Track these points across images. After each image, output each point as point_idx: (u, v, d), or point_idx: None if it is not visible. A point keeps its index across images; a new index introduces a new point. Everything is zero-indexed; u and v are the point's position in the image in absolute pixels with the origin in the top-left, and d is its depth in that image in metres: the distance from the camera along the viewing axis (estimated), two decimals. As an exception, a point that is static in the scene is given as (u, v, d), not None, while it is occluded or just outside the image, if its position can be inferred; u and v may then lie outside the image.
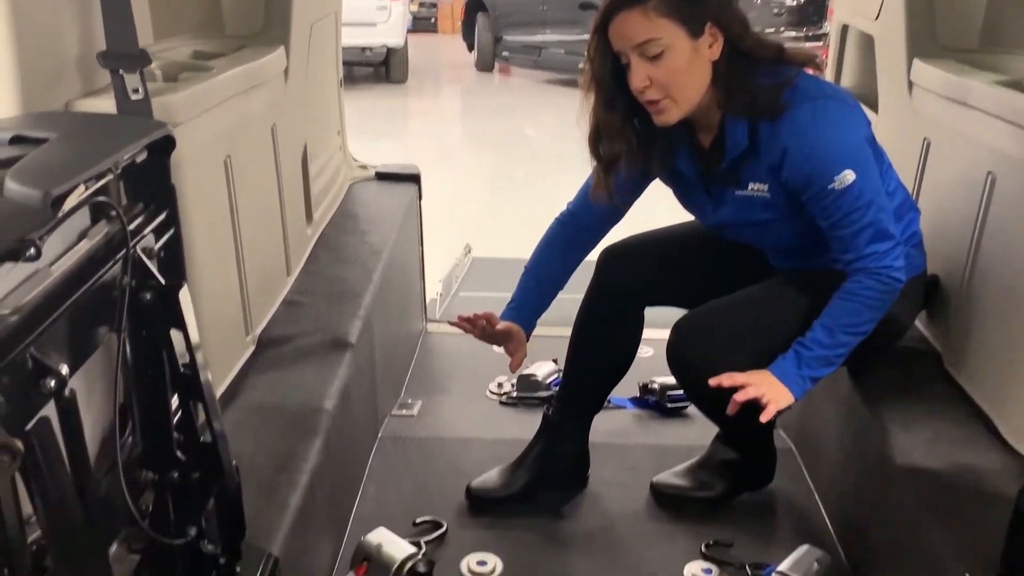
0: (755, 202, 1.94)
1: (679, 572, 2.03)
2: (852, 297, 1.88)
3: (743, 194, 1.94)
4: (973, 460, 1.79)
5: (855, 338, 1.90)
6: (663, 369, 2.65)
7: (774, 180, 1.88)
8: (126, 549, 1.36)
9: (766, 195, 1.91)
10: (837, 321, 1.89)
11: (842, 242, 1.87)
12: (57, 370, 1.03)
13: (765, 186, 1.91)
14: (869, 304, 1.88)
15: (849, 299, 1.88)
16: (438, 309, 3.55)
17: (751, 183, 1.92)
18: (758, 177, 1.90)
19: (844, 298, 1.89)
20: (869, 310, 1.88)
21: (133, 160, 1.34)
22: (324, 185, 2.97)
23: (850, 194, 1.81)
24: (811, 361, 1.89)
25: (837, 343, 1.89)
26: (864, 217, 1.83)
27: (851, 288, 1.89)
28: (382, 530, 1.96)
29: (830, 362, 1.91)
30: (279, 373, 2.08)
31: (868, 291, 1.87)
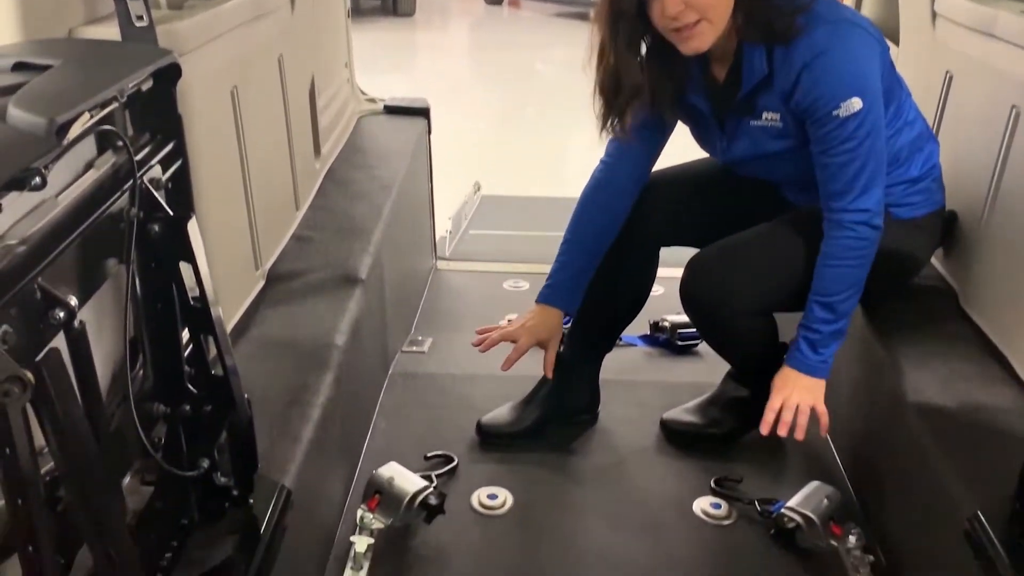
0: (768, 132, 1.91)
1: (688, 507, 2.04)
2: (835, 262, 1.88)
3: (757, 124, 1.92)
4: (987, 398, 1.78)
5: (852, 300, 1.90)
6: (674, 307, 2.65)
7: (785, 108, 1.87)
8: (139, 481, 1.37)
9: (778, 124, 1.90)
10: (829, 292, 1.89)
11: (828, 171, 1.85)
12: (66, 301, 1.02)
13: (777, 115, 1.89)
14: (854, 264, 1.88)
15: (833, 264, 1.88)
16: (448, 247, 3.53)
17: (765, 112, 1.90)
18: (772, 106, 1.88)
19: (828, 265, 1.89)
20: (855, 269, 1.88)
21: (139, 88, 1.31)
22: (332, 118, 2.93)
23: (852, 122, 1.79)
24: (824, 341, 1.91)
25: (839, 314, 1.90)
26: (858, 148, 1.81)
27: (831, 252, 1.88)
28: (393, 464, 1.97)
29: (841, 332, 1.92)
30: (289, 308, 2.07)
31: (848, 251, 1.87)
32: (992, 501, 1.50)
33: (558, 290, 2.13)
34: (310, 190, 2.60)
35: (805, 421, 1.93)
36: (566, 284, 2.13)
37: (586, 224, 2.12)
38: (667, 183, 2.16)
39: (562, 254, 2.14)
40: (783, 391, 1.93)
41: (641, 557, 1.90)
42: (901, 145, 1.98)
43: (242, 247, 2.05)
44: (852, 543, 1.86)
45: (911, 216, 2.02)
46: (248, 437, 1.44)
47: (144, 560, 1.25)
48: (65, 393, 0.98)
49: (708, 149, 2.10)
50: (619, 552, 1.91)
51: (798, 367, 1.93)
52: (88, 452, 1.02)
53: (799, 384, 1.93)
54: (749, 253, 2.02)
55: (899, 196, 1.99)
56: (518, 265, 3.33)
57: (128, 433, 1.28)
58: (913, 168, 2.01)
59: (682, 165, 2.23)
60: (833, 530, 1.86)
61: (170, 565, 1.31)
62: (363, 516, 1.88)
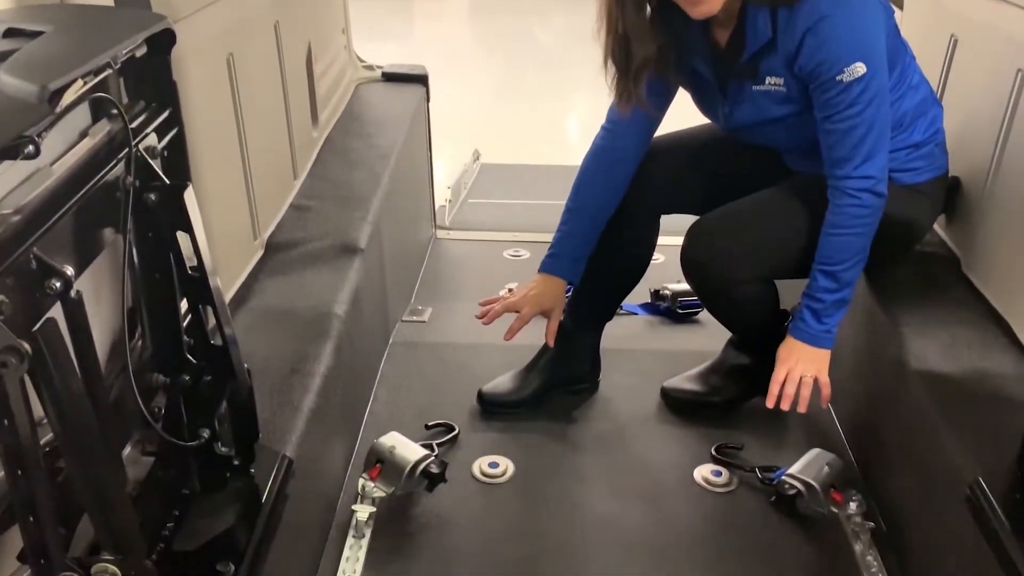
0: (772, 97, 1.90)
1: (689, 475, 2.04)
2: (838, 231, 1.86)
3: (760, 89, 1.90)
4: (990, 364, 1.78)
5: (856, 268, 1.89)
6: (674, 275, 2.64)
7: (789, 73, 1.85)
8: (140, 451, 1.37)
9: (782, 89, 1.88)
10: (833, 261, 1.88)
11: (831, 137, 1.83)
12: (62, 271, 1.01)
13: (781, 80, 1.87)
14: (857, 232, 1.86)
15: (836, 233, 1.87)
16: (447, 216, 3.52)
17: (768, 77, 1.88)
18: (775, 71, 1.86)
19: (831, 234, 1.87)
20: (859, 237, 1.87)
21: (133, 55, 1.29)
22: (329, 86, 2.90)
23: (856, 87, 1.77)
24: (827, 310, 1.90)
25: (842, 282, 1.88)
26: (862, 114, 1.79)
27: (835, 221, 1.86)
28: (395, 434, 1.97)
29: (845, 301, 1.91)
30: (289, 278, 2.06)
31: (852, 219, 1.85)
32: (993, 467, 1.50)
33: (560, 259, 2.12)
34: (308, 159, 2.58)
35: (808, 394, 1.92)
36: (569, 253, 2.12)
37: (588, 192, 2.11)
38: (667, 150, 2.15)
39: (564, 223, 2.13)
40: (787, 363, 1.92)
41: (642, 524, 1.90)
42: (905, 110, 1.96)
43: (240, 216, 2.03)
44: (853, 510, 1.87)
45: (914, 182, 2.00)
46: (249, 407, 1.44)
47: (145, 529, 1.26)
48: (63, 363, 0.98)
49: (710, 116, 2.08)
50: (620, 519, 1.92)
51: (802, 337, 1.92)
52: (87, 422, 1.02)
53: (804, 355, 1.92)
54: (750, 220, 2.01)
55: (902, 161, 1.98)
56: (518, 234, 3.32)
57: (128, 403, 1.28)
58: (916, 133, 1.99)
59: (683, 131, 2.21)
60: (834, 497, 1.87)
61: (171, 534, 1.31)
62: (365, 485, 1.89)
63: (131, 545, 1.08)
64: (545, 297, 2.12)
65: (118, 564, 1.06)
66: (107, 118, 1.29)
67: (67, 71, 1.04)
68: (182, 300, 1.35)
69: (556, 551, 1.84)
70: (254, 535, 1.36)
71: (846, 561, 1.81)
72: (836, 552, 1.83)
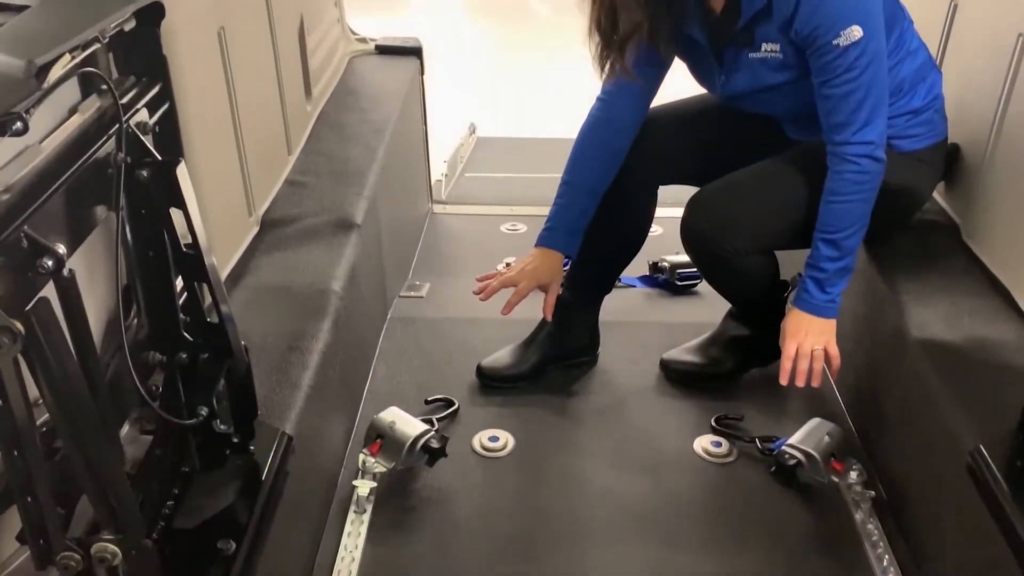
0: (768, 64, 1.88)
1: (689, 446, 2.04)
2: (839, 198, 1.85)
3: (756, 56, 1.88)
4: (990, 332, 1.77)
5: (858, 236, 1.88)
6: (672, 247, 2.64)
7: (785, 39, 1.83)
8: (138, 430, 1.37)
9: (778, 56, 1.86)
10: (834, 229, 1.86)
11: (829, 103, 1.82)
12: (54, 249, 1.00)
13: (777, 46, 1.85)
14: (858, 199, 1.85)
15: (837, 201, 1.85)
16: (444, 190, 3.50)
17: (764, 44, 1.86)
18: (770, 37, 1.85)
19: (832, 202, 1.86)
20: (860, 204, 1.85)
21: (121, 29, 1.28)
22: (322, 60, 2.87)
23: (854, 51, 1.76)
24: (831, 279, 1.88)
25: (844, 250, 1.87)
26: (859, 78, 1.78)
27: (835, 188, 1.85)
28: (394, 409, 1.96)
29: (848, 269, 1.90)
30: (285, 254, 2.04)
31: (852, 186, 1.84)
32: (994, 435, 1.50)
33: (558, 233, 2.11)
34: (302, 134, 2.56)
35: (820, 367, 1.91)
36: (566, 226, 2.10)
37: (584, 164, 2.09)
38: (664, 120, 2.13)
39: (560, 196, 2.11)
40: (796, 337, 1.91)
41: (642, 496, 1.91)
42: (904, 75, 1.94)
43: (234, 192, 2.01)
44: (853, 479, 1.87)
45: (913, 148, 1.99)
46: (247, 384, 1.43)
47: (145, 508, 1.25)
48: (56, 343, 0.97)
49: (706, 85, 2.06)
50: (620, 491, 1.92)
51: (807, 309, 1.91)
52: (82, 402, 1.01)
53: (812, 327, 1.90)
54: (751, 191, 1.99)
55: (901, 128, 1.96)
56: (515, 207, 3.30)
57: (125, 382, 1.27)
58: (916, 99, 1.97)
59: (679, 102, 2.19)
60: (834, 466, 1.87)
61: (171, 512, 1.31)
62: (365, 460, 1.89)
63: (130, 524, 1.07)
64: (542, 271, 2.10)
65: (118, 543, 1.06)
66: (96, 93, 1.27)
67: (54, 45, 1.02)
68: (177, 278, 1.34)
69: (557, 523, 1.84)
70: (254, 512, 1.36)
71: (847, 530, 1.81)
72: (837, 521, 1.83)
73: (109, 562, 1.06)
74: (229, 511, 1.34)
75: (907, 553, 1.74)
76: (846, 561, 1.75)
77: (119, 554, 1.06)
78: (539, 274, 2.10)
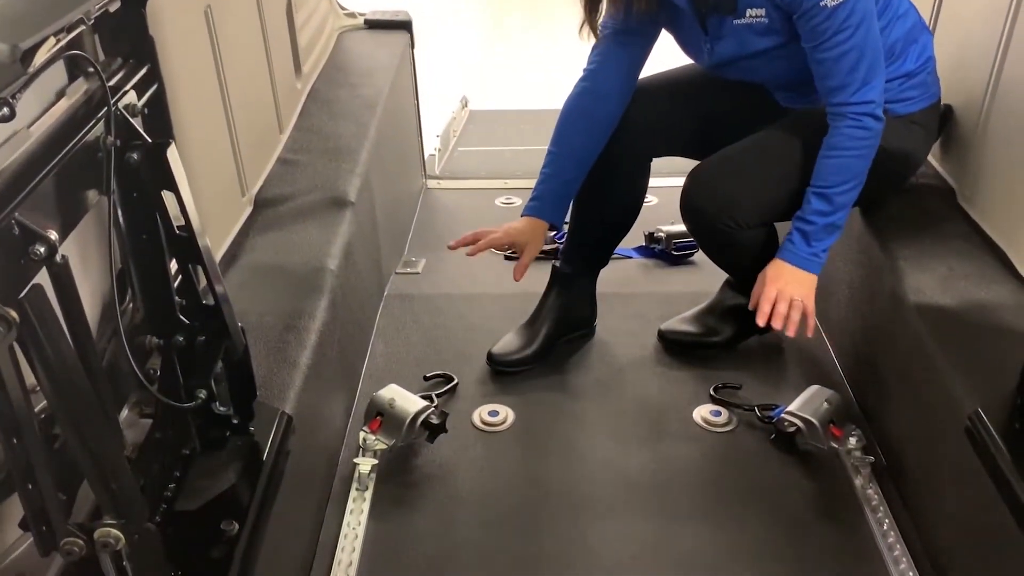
0: (754, 29, 1.86)
1: (688, 416, 2.05)
2: (837, 152, 1.84)
3: (741, 23, 1.86)
4: (987, 295, 1.77)
5: (852, 193, 1.87)
6: (667, 217, 2.63)
7: (770, 3, 1.81)
8: (137, 414, 1.36)
9: (764, 20, 1.84)
10: (828, 183, 1.85)
11: (823, 67, 1.80)
12: (46, 236, 0.99)
13: (762, 11, 1.83)
14: (856, 154, 1.84)
15: (835, 155, 1.84)
16: (437, 165, 3.48)
17: (748, 9, 1.84)
18: (755, 2, 1.83)
19: (829, 156, 1.85)
20: (858, 160, 1.84)
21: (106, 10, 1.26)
22: (311, 36, 2.84)
23: (842, 11, 1.74)
24: (818, 234, 1.87)
25: (836, 206, 1.86)
26: (851, 39, 1.76)
27: (834, 143, 1.84)
28: (393, 386, 1.97)
29: (836, 226, 1.89)
30: (279, 233, 2.03)
31: (851, 141, 1.82)
32: (993, 397, 1.50)
33: (543, 202, 2.09)
34: (293, 111, 2.54)
35: (797, 317, 1.90)
36: (550, 197, 2.09)
37: (570, 134, 2.07)
38: (654, 91, 2.11)
39: (546, 166, 2.09)
40: (776, 282, 1.90)
41: (643, 467, 1.91)
42: (895, 39, 1.92)
43: (226, 173, 2.00)
44: (852, 445, 1.88)
45: (908, 112, 1.98)
46: (245, 365, 1.43)
47: (147, 491, 1.26)
48: (51, 329, 0.96)
49: (693, 55, 2.04)
50: (621, 462, 1.93)
51: (790, 259, 1.90)
52: (80, 388, 1.00)
53: (792, 277, 1.89)
54: (749, 164, 1.98)
55: (895, 91, 1.95)
56: (509, 181, 3.28)
57: (122, 367, 1.27)
58: (908, 62, 1.96)
59: (669, 72, 2.17)
60: (833, 433, 1.87)
61: (173, 495, 1.31)
62: (366, 438, 1.89)
63: (133, 508, 1.07)
64: (523, 232, 2.08)
65: (120, 528, 1.06)
66: (83, 76, 1.26)
67: (38, 29, 1.01)
68: (171, 260, 1.33)
69: (558, 496, 1.85)
70: (256, 493, 1.36)
71: (847, 496, 1.82)
72: (837, 487, 1.84)
73: (112, 547, 1.06)
74: (231, 492, 1.35)
75: (907, 517, 1.75)
76: (847, 526, 1.76)
77: (122, 538, 1.06)
78: (516, 234, 2.09)
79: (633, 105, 2.08)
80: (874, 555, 1.70)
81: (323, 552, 1.71)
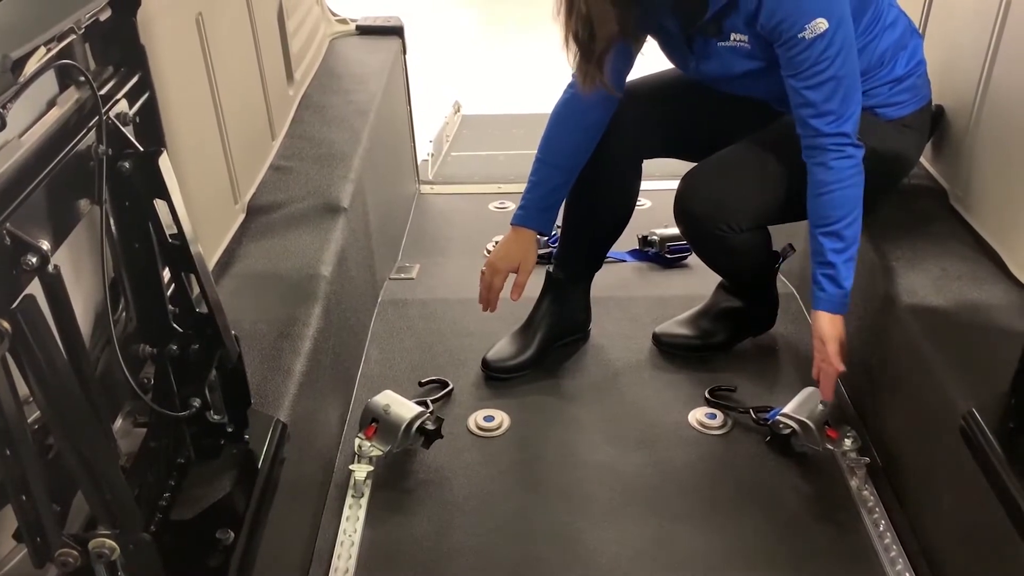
0: (737, 52, 1.87)
1: (684, 419, 2.05)
2: (829, 188, 1.81)
3: (725, 45, 1.87)
4: (980, 295, 1.78)
5: (857, 223, 1.83)
6: (661, 220, 2.64)
7: (751, 31, 1.81)
8: (131, 423, 1.36)
9: (747, 45, 1.85)
10: (832, 220, 1.82)
11: (800, 96, 1.79)
12: (38, 246, 0.99)
13: (745, 37, 1.84)
14: (850, 183, 1.81)
15: (828, 191, 1.81)
16: (430, 170, 3.48)
17: (732, 34, 1.85)
18: (738, 28, 1.83)
19: (823, 193, 1.81)
20: (852, 188, 1.81)
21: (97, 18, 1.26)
22: (303, 42, 2.84)
23: (820, 43, 1.74)
24: (841, 272, 1.82)
25: (848, 240, 1.82)
26: (828, 69, 1.75)
27: (823, 179, 1.81)
28: (388, 392, 1.96)
29: (854, 258, 1.84)
30: (272, 240, 2.03)
31: (841, 172, 1.80)
32: (987, 397, 1.51)
33: (529, 211, 2.09)
34: (285, 118, 2.53)
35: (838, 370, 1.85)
36: (537, 204, 2.08)
37: (557, 141, 2.07)
38: (643, 95, 2.11)
39: (533, 174, 2.09)
40: (833, 341, 1.82)
41: (639, 470, 1.91)
42: (884, 48, 1.92)
43: (219, 180, 2.00)
44: (848, 446, 1.88)
45: (899, 116, 1.98)
46: (239, 373, 1.42)
47: (142, 500, 1.25)
48: (44, 340, 0.96)
49: (679, 66, 2.04)
50: (617, 466, 1.92)
51: (830, 308, 1.84)
52: (73, 398, 1.00)
53: (835, 331, 1.83)
54: (743, 168, 1.98)
55: (885, 96, 1.95)
56: (503, 185, 3.29)
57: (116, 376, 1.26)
58: (898, 67, 1.96)
59: (658, 74, 2.17)
60: (829, 434, 1.88)
61: (168, 504, 1.30)
62: (361, 445, 1.89)
63: (127, 518, 1.07)
64: (513, 254, 2.08)
65: (115, 538, 1.05)
66: (75, 86, 1.26)
67: (28, 38, 1.01)
68: (164, 269, 1.33)
69: (554, 500, 1.85)
70: (252, 501, 1.36)
71: (843, 497, 1.83)
72: (833, 488, 1.85)
73: (107, 557, 1.06)
74: (226, 501, 1.34)
75: (903, 518, 1.75)
76: (843, 527, 1.76)
77: (117, 548, 1.06)
78: (511, 258, 2.09)
79: (624, 107, 2.08)
80: (870, 555, 1.70)
81: (319, 559, 1.71)
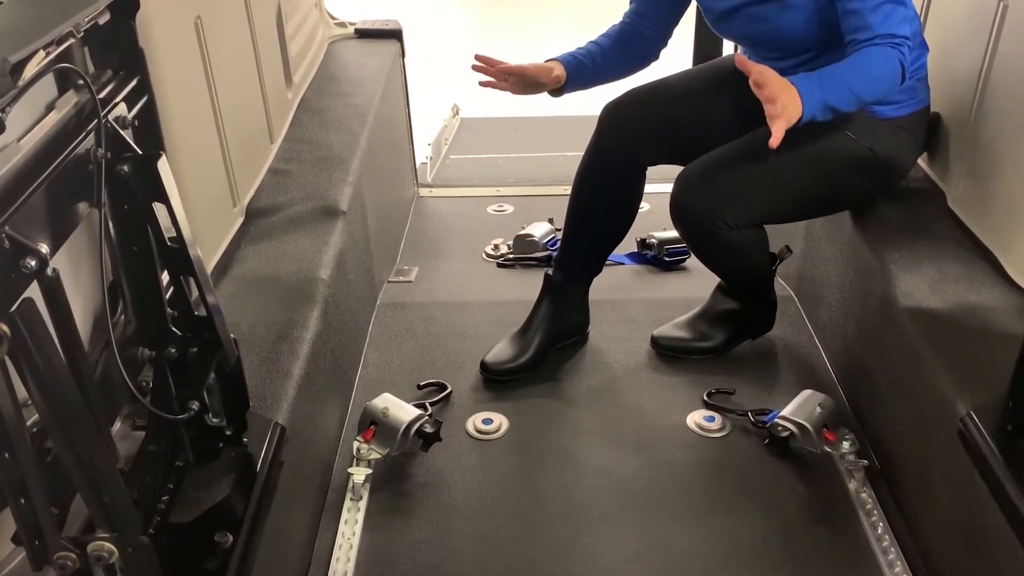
0: None
1: (682, 422, 2.05)
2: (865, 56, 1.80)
3: None
4: (977, 298, 1.78)
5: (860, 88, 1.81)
6: (659, 223, 2.64)
7: None
8: (130, 426, 1.36)
9: None
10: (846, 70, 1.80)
11: (858, 16, 1.79)
12: (36, 249, 0.99)
13: None
14: (881, 62, 1.80)
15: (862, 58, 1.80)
16: (429, 173, 3.48)
17: None
18: None
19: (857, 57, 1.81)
20: (882, 66, 1.80)
21: (96, 22, 1.26)
22: (302, 46, 2.84)
23: None
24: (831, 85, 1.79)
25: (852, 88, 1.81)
26: None
27: (864, 52, 1.80)
28: (387, 395, 1.96)
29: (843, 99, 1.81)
30: (271, 243, 2.03)
31: (882, 53, 1.79)
32: (984, 400, 1.51)
33: (569, 56, 2.13)
34: (284, 121, 2.54)
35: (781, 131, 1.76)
36: (576, 57, 2.13)
37: (612, 48, 2.13)
38: (644, 101, 2.12)
39: (585, 48, 2.15)
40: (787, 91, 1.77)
41: (637, 473, 1.91)
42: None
43: (218, 184, 2.00)
44: (846, 448, 1.88)
45: (894, 115, 1.98)
46: (237, 376, 1.42)
47: (140, 503, 1.25)
48: (43, 343, 0.96)
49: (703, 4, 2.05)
50: (615, 469, 1.93)
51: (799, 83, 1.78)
52: (72, 401, 1.00)
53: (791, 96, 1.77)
54: (737, 165, 1.99)
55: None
56: (501, 188, 3.29)
57: (114, 379, 1.26)
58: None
59: (658, 81, 2.18)
60: (827, 437, 1.88)
61: (167, 507, 1.30)
62: (359, 448, 1.89)
63: (126, 521, 1.07)
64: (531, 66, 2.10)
65: (114, 541, 1.05)
66: (73, 89, 1.26)
67: (27, 42, 1.01)
68: (163, 272, 1.33)
69: (553, 503, 1.85)
70: (250, 504, 1.36)
71: (841, 499, 1.83)
72: (831, 491, 1.85)
73: (106, 560, 1.06)
74: (225, 504, 1.34)
75: (901, 520, 1.76)
76: (841, 530, 1.76)
77: (115, 552, 1.06)
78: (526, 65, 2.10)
79: (622, 116, 2.09)
80: (868, 558, 1.70)
81: (318, 563, 1.71)
